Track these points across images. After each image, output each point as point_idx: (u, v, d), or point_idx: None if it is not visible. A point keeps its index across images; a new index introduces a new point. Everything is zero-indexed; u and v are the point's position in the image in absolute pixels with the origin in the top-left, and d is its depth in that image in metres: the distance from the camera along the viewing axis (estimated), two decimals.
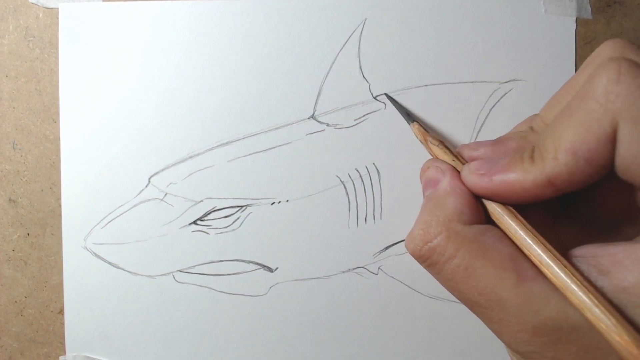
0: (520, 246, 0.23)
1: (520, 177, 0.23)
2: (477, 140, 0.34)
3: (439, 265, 0.24)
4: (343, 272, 0.34)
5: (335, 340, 0.35)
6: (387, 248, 0.34)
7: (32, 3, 0.35)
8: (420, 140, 0.32)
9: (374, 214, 0.34)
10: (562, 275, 0.21)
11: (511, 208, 0.25)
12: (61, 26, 0.34)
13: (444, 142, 0.30)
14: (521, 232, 0.23)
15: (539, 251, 0.22)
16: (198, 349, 0.35)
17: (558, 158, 0.21)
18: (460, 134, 0.34)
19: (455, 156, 0.28)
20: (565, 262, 0.21)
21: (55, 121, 0.35)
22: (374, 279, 0.34)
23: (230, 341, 0.35)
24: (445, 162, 0.28)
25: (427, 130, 0.31)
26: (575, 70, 0.34)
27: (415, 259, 0.26)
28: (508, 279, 0.22)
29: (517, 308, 0.22)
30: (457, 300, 0.34)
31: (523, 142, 0.26)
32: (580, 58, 0.34)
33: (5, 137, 0.35)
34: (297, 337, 0.35)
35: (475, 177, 0.25)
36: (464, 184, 0.26)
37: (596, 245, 0.22)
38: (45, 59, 0.35)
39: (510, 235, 0.24)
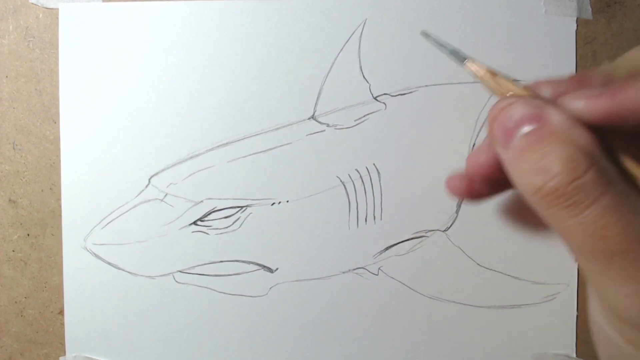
0: None
1: None
2: (477, 141, 0.34)
3: (583, 206, 0.21)
4: (343, 272, 0.34)
5: (335, 340, 0.35)
6: (387, 249, 0.34)
7: (32, 3, 0.35)
8: (481, 81, 0.25)
9: (374, 215, 0.34)
10: None
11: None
12: (61, 26, 0.34)
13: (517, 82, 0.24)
14: None
15: None
16: (198, 349, 0.35)
17: None
18: (460, 134, 0.34)
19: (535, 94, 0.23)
20: None
21: (55, 121, 0.35)
22: (374, 280, 0.34)
23: (230, 341, 0.35)
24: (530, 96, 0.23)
25: (493, 73, 0.25)
26: (576, 70, 0.34)
27: (551, 199, 0.21)
28: None
29: None
30: (457, 301, 0.34)
31: (609, 78, 0.22)
32: (580, 58, 0.34)
33: (5, 137, 0.35)
34: (297, 337, 0.35)
35: (589, 100, 0.21)
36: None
37: None
38: (45, 59, 0.35)
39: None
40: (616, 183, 0.20)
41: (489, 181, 0.25)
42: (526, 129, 0.22)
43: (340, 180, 0.34)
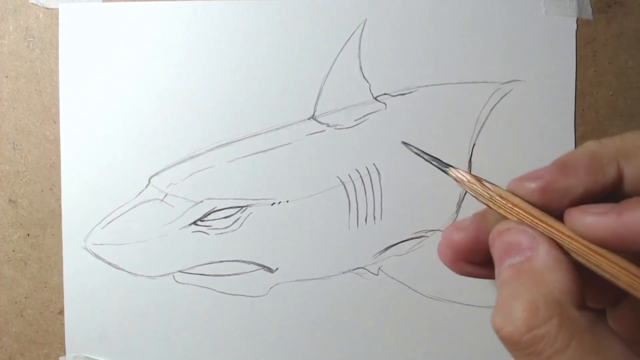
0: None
1: None
2: (477, 139, 0.34)
3: (542, 357, 0.20)
4: (343, 272, 0.34)
5: (335, 340, 0.35)
6: (387, 248, 0.34)
7: (32, 3, 0.35)
8: (469, 191, 0.24)
9: (374, 215, 0.34)
10: None
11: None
12: (61, 26, 0.34)
13: (496, 186, 0.23)
14: None
15: None
16: (198, 349, 0.35)
17: None
18: (460, 135, 0.34)
19: (528, 205, 0.23)
20: None
21: (55, 121, 0.35)
22: (374, 280, 0.34)
23: (230, 341, 0.35)
24: (529, 225, 0.23)
25: (479, 178, 0.24)
26: (576, 71, 0.34)
27: (508, 344, 0.21)
28: None
29: None
30: (457, 301, 0.34)
31: (594, 159, 0.22)
32: (580, 58, 0.34)
33: (5, 137, 0.35)
34: (297, 337, 0.35)
35: (593, 217, 0.20)
36: (566, 255, 0.21)
37: None
38: (45, 59, 0.35)
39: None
40: (585, 334, 0.19)
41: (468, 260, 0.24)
42: (514, 260, 0.22)
43: (340, 180, 0.34)
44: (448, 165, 0.25)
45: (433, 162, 0.26)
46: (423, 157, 0.27)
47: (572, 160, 0.22)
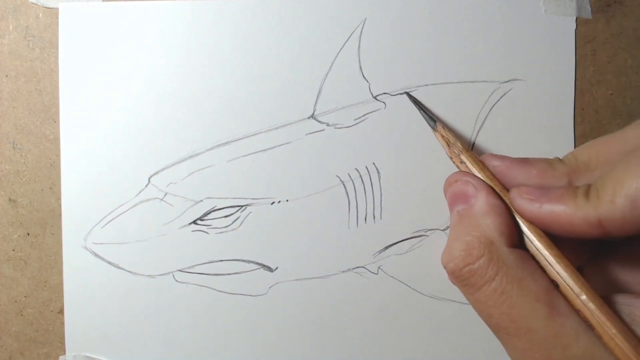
0: (555, 278, 0.23)
1: (571, 211, 0.23)
2: (477, 139, 0.34)
3: (475, 287, 0.24)
4: (343, 272, 0.34)
5: (335, 340, 0.35)
6: (387, 248, 0.34)
7: (32, 3, 0.35)
8: (443, 146, 0.31)
9: (374, 214, 0.34)
10: (602, 317, 0.21)
11: (550, 238, 0.25)
12: (61, 26, 0.34)
13: (471, 151, 0.29)
14: (559, 266, 0.23)
15: (575, 287, 0.23)
16: (198, 349, 0.35)
17: (615, 202, 0.21)
18: (460, 134, 0.34)
19: (484, 169, 0.28)
20: (605, 305, 0.22)
21: (55, 121, 0.35)
22: (374, 279, 0.34)
23: (230, 341, 0.35)
24: (475, 176, 0.28)
25: (456, 135, 0.30)
26: (576, 70, 0.34)
27: (452, 278, 0.26)
28: (541, 311, 0.22)
29: (546, 341, 0.22)
30: (457, 300, 0.34)
31: (549, 170, 0.26)
32: (580, 58, 0.34)
33: (5, 137, 0.35)
34: (297, 337, 0.35)
35: (524, 201, 0.25)
36: (501, 202, 0.26)
37: (632, 295, 0.22)
38: (45, 59, 0.35)
39: (545, 265, 0.24)
40: (511, 269, 0.24)
41: None
42: (460, 207, 0.27)
43: (340, 180, 0.34)
44: (435, 122, 0.32)
45: (424, 115, 0.33)
46: (419, 109, 0.33)
47: (533, 163, 0.27)
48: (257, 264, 0.34)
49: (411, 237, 0.34)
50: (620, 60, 0.34)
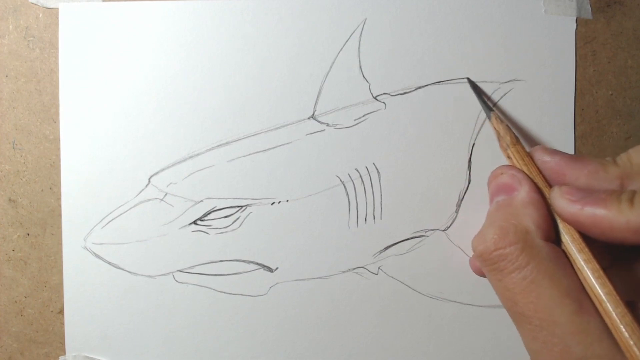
0: (583, 279, 0.24)
1: (613, 216, 0.23)
2: (477, 139, 0.34)
3: (504, 273, 0.24)
4: (343, 272, 0.34)
5: (335, 339, 0.35)
6: (387, 248, 0.34)
7: (32, 3, 0.35)
8: (496, 136, 0.31)
9: (374, 214, 0.34)
10: (623, 325, 0.21)
11: (583, 240, 0.25)
12: (61, 26, 0.34)
13: (519, 145, 0.29)
14: (587, 271, 0.24)
15: (602, 293, 0.23)
16: (198, 349, 0.35)
17: None
18: (459, 134, 0.34)
19: (530, 164, 0.28)
20: (628, 315, 0.22)
21: (55, 121, 0.35)
22: (374, 279, 0.34)
23: (230, 341, 0.35)
24: (521, 170, 0.28)
25: (507, 129, 0.30)
26: (576, 70, 0.34)
27: (480, 260, 0.26)
28: (569, 306, 0.22)
29: (569, 336, 0.22)
30: (457, 301, 0.34)
31: (601, 171, 0.26)
32: (580, 58, 0.34)
33: (5, 137, 0.35)
34: (297, 337, 0.35)
35: (565, 202, 0.25)
36: (542, 197, 0.26)
37: None
38: (45, 59, 0.35)
39: (576, 265, 0.24)
40: (543, 261, 0.24)
41: None
42: (500, 198, 0.27)
43: (340, 180, 0.34)
44: (492, 110, 0.32)
45: (481, 103, 0.33)
46: (477, 96, 0.33)
47: (585, 162, 0.27)
48: (257, 264, 0.34)
49: (411, 238, 0.34)
50: (620, 60, 0.34)
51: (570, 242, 0.25)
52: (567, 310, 0.22)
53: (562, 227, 0.25)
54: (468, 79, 0.34)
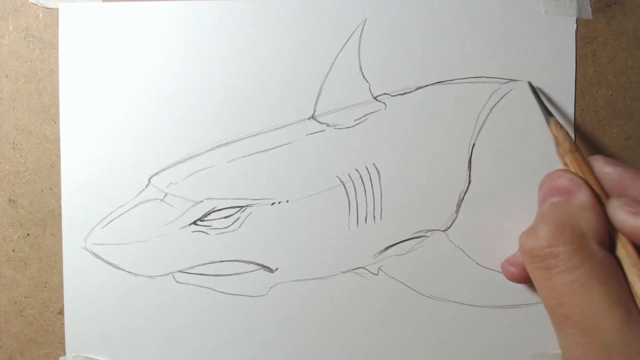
0: (635, 292, 0.23)
1: None
2: (477, 139, 0.34)
3: (553, 272, 0.24)
4: (343, 272, 0.34)
5: (335, 340, 0.35)
6: (387, 248, 0.34)
7: (32, 3, 0.35)
8: (554, 141, 0.30)
9: (374, 214, 0.34)
10: None
11: (638, 253, 0.24)
12: (61, 26, 0.34)
13: (578, 153, 0.29)
14: (638, 285, 0.23)
15: None
16: (198, 349, 0.35)
17: None
18: (460, 134, 0.34)
19: (588, 172, 0.28)
20: None
21: (55, 121, 0.35)
22: (374, 280, 0.34)
23: (230, 341, 0.35)
24: (579, 176, 0.27)
25: (566, 135, 0.30)
26: (576, 70, 0.34)
27: (528, 256, 0.25)
28: (618, 315, 0.22)
29: (613, 345, 0.21)
30: (457, 301, 0.34)
31: None
32: (580, 58, 0.34)
33: (5, 137, 0.35)
34: (297, 337, 0.35)
35: (624, 213, 0.24)
36: (600, 204, 0.26)
37: None
38: (45, 59, 0.35)
39: (628, 277, 0.24)
40: (597, 266, 0.23)
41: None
42: (554, 199, 0.27)
43: (340, 180, 0.34)
44: (551, 115, 0.31)
45: (541, 108, 0.32)
46: (538, 101, 0.33)
47: None
48: (257, 264, 0.34)
49: (411, 238, 0.34)
50: (620, 60, 0.34)
51: (625, 254, 0.24)
52: (615, 319, 0.22)
53: (618, 238, 0.25)
54: (529, 82, 0.33)
